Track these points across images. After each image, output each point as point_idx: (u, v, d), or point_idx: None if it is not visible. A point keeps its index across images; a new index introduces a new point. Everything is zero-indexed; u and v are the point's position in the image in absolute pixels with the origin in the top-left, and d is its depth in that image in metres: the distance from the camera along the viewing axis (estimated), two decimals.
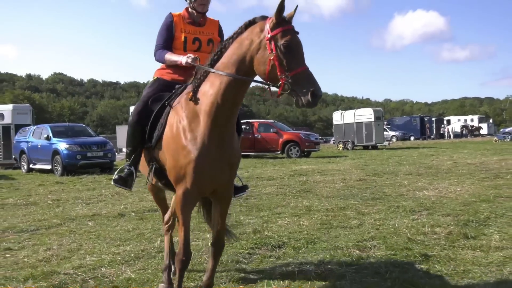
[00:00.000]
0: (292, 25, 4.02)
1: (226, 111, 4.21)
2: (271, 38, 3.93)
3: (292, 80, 3.83)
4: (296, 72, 3.84)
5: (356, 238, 7.13)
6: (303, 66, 3.89)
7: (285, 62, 3.87)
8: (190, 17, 5.03)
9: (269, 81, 4.01)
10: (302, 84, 3.82)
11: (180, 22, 4.96)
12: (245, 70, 4.13)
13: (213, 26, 5.13)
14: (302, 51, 3.99)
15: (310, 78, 3.85)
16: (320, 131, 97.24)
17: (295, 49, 3.93)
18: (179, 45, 4.94)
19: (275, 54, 3.89)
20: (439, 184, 13.35)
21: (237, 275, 5.63)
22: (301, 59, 3.94)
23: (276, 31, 3.93)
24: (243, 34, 4.17)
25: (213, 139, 4.20)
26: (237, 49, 4.15)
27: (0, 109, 29.44)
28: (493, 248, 6.33)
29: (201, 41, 4.99)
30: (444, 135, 66.75)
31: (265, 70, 3.98)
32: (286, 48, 3.88)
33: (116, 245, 7.12)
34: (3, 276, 5.74)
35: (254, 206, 10.49)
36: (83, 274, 5.76)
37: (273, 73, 3.93)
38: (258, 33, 4.06)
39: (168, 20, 4.98)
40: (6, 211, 10.82)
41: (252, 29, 4.13)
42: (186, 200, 4.30)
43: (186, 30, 4.94)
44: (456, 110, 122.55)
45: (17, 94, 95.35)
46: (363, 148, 39.63)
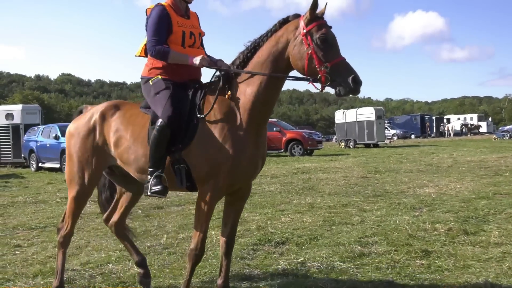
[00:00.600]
0: (325, 20, 4.14)
1: (264, 109, 4.32)
2: (307, 33, 4.04)
3: (331, 71, 3.94)
4: (334, 62, 3.96)
5: (358, 234, 7.21)
6: (341, 57, 4.01)
7: (323, 54, 3.98)
8: (179, 8, 4.70)
9: (309, 75, 4.08)
10: (342, 73, 3.93)
11: (173, 14, 4.60)
12: (283, 67, 4.23)
13: (195, 18, 4.89)
14: (337, 43, 4.09)
15: (349, 67, 3.97)
16: (323, 130, 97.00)
17: (331, 41, 4.03)
18: (177, 40, 4.59)
19: (313, 47, 4.00)
20: (439, 181, 13.42)
21: (241, 271, 5.70)
22: (337, 50, 4.05)
23: (311, 25, 4.05)
24: (278, 32, 4.26)
25: (251, 137, 4.28)
26: (273, 47, 4.23)
27: (10, 109, 29.59)
28: (493, 244, 6.40)
29: (195, 35, 4.72)
30: (444, 134, 66.65)
31: (303, 65, 4.08)
32: (323, 40, 3.99)
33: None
34: (13, 272, 5.81)
35: (258, 203, 10.59)
36: (91, 270, 5.85)
37: (312, 67, 4.03)
38: (293, 31, 4.16)
39: (163, 12, 4.53)
40: (16, 208, 10.91)
41: (286, 27, 4.22)
42: (216, 196, 4.34)
43: (182, 24, 4.62)
44: (456, 109, 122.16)
45: (26, 94, 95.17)
46: (365, 146, 39.65)
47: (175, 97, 4.41)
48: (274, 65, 4.22)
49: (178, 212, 9.75)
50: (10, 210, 10.54)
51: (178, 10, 4.67)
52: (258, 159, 4.42)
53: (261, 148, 4.44)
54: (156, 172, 4.36)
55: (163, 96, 4.43)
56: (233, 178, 4.28)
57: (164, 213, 9.68)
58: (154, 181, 4.35)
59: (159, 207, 10.26)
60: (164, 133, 4.29)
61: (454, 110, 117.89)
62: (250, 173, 4.45)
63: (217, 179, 4.22)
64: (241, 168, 4.25)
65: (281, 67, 4.23)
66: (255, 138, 4.32)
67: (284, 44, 4.19)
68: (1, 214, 10.02)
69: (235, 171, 4.23)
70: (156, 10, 4.54)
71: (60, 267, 5.05)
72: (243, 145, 4.23)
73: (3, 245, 7.29)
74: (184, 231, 7.83)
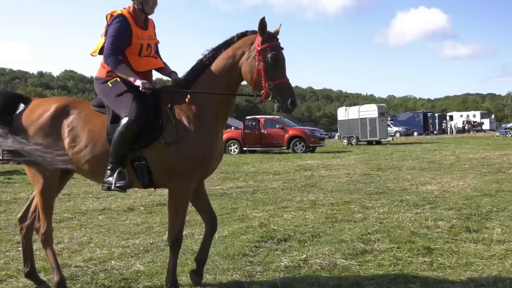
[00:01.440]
0: (279, 42, 4.59)
1: (227, 110, 4.85)
2: (261, 51, 4.49)
3: (273, 89, 4.45)
4: (278, 82, 4.46)
5: (360, 231, 7.21)
6: (285, 78, 4.52)
7: (270, 72, 4.46)
8: (139, 19, 4.94)
9: (254, 87, 4.60)
10: (283, 93, 4.45)
11: (134, 26, 4.84)
12: (236, 76, 4.70)
13: (152, 27, 5.13)
14: (284, 65, 4.58)
15: (290, 89, 4.50)
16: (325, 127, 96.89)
17: (280, 63, 4.52)
18: (135, 51, 4.87)
19: (263, 64, 4.47)
20: (442, 178, 13.43)
21: (244, 267, 5.70)
22: (283, 71, 4.55)
23: (266, 45, 4.50)
24: (235, 44, 4.71)
25: (218, 134, 4.79)
26: (229, 57, 4.68)
27: None
28: (495, 241, 6.41)
29: (151, 46, 5.01)
30: (447, 131, 66.58)
31: (252, 78, 4.57)
32: (273, 60, 4.46)
33: (126, 239, 7.22)
34: (16, 268, 5.82)
35: (260, 200, 10.61)
36: (94, 266, 5.85)
37: (258, 81, 4.53)
38: (249, 45, 4.62)
39: (122, 21, 4.76)
40: (19, 205, 10.90)
41: (244, 41, 4.68)
42: (191, 189, 4.73)
43: (140, 36, 4.88)
44: (459, 106, 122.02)
45: (29, 91, 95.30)
46: (367, 143, 39.67)
47: (138, 98, 4.67)
48: (229, 74, 4.69)
49: None
50: (13, 207, 10.55)
51: (138, 21, 4.92)
52: (220, 153, 4.95)
53: (221, 143, 4.94)
54: (119, 167, 4.61)
55: (127, 97, 4.68)
56: (207, 171, 4.86)
57: (167, 209, 9.66)
58: (117, 176, 4.58)
59: (161, 203, 10.26)
60: (131, 130, 4.53)
61: (456, 107, 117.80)
62: (216, 166, 5.00)
63: (193, 173, 4.64)
64: (213, 162, 4.80)
65: (235, 76, 4.70)
66: (219, 134, 4.85)
67: (240, 56, 4.65)
68: (4, 211, 10.03)
69: (209, 165, 4.76)
70: (119, 20, 4.77)
71: (53, 263, 5.06)
72: (213, 141, 4.71)
73: (6, 241, 7.30)
74: (186, 227, 7.82)
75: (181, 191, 4.67)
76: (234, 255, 6.20)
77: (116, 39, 4.74)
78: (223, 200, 10.71)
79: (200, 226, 7.91)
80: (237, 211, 9.30)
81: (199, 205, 5.23)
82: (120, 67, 4.71)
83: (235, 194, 11.71)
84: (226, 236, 7.20)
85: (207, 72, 4.74)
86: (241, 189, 12.66)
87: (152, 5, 4.94)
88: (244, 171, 17.72)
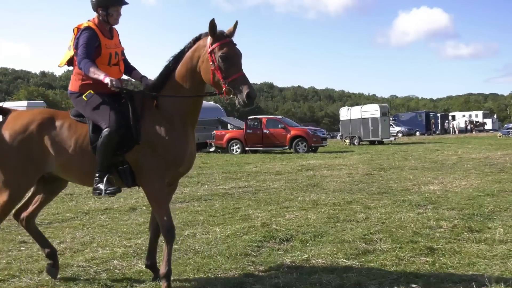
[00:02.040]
0: (228, 39, 4.74)
1: (195, 112, 5.07)
2: (211, 51, 4.69)
3: (231, 85, 4.58)
4: (233, 78, 4.59)
5: (363, 231, 7.20)
6: (240, 72, 4.64)
7: (224, 70, 4.63)
8: (105, 30, 5.19)
9: (215, 87, 4.81)
10: (239, 88, 4.56)
11: (102, 37, 5.10)
12: (198, 79, 4.88)
13: (117, 36, 5.39)
14: (238, 59, 4.73)
15: (245, 82, 4.60)
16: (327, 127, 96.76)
17: (232, 59, 4.66)
18: (104, 61, 5.12)
19: (216, 64, 4.65)
20: (444, 178, 13.42)
21: (246, 267, 5.71)
22: (237, 66, 4.68)
23: (215, 45, 4.68)
24: (192, 48, 4.92)
25: (188, 135, 5.01)
26: (188, 62, 4.90)
27: (15, 105, 29.72)
28: (498, 241, 6.40)
29: (118, 54, 5.29)
30: (449, 131, 66.50)
31: (209, 79, 4.76)
32: (224, 58, 4.62)
33: (128, 238, 7.23)
34: (18, 268, 5.83)
35: (263, 200, 10.61)
36: (96, 266, 5.86)
37: (216, 81, 4.71)
38: (203, 48, 4.81)
39: (93, 32, 5.03)
40: None
41: (198, 44, 4.88)
42: (164, 182, 4.94)
43: (108, 46, 5.14)
44: (461, 106, 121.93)
45: (32, 90, 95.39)
46: (369, 143, 39.64)
47: (115, 107, 4.94)
48: (192, 77, 4.89)
49: (183, 208, 9.77)
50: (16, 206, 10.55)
51: (104, 31, 5.17)
52: (192, 154, 5.19)
53: (193, 144, 5.18)
54: (107, 174, 4.86)
55: (104, 109, 4.91)
56: (179, 170, 5.07)
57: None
58: (106, 182, 4.84)
59: None
60: (113, 139, 4.78)
61: (459, 107, 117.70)
62: (189, 166, 5.25)
63: (167, 173, 4.91)
64: (185, 162, 5.03)
65: (197, 79, 4.89)
66: (190, 136, 5.06)
67: (196, 59, 4.85)
68: None
69: (180, 165, 4.99)
70: (88, 32, 5.03)
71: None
72: (183, 143, 4.93)
73: (9, 241, 7.31)
74: (188, 227, 7.85)
75: (159, 191, 4.90)
76: (236, 255, 6.20)
77: (87, 47, 4.98)
78: (225, 200, 10.72)
79: (202, 226, 7.93)
80: (239, 211, 9.31)
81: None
82: (92, 68, 4.90)
83: (237, 194, 11.71)
84: (228, 236, 7.21)
85: (172, 77, 4.97)
86: (243, 189, 12.66)
87: (116, 16, 5.18)
88: (246, 171, 17.73)
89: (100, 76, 4.86)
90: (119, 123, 4.81)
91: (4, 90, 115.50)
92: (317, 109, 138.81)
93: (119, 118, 4.85)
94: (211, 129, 32.21)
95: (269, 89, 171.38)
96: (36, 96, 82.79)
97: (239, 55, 4.75)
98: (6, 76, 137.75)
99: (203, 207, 9.84)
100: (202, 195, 11.51)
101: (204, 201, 10.66)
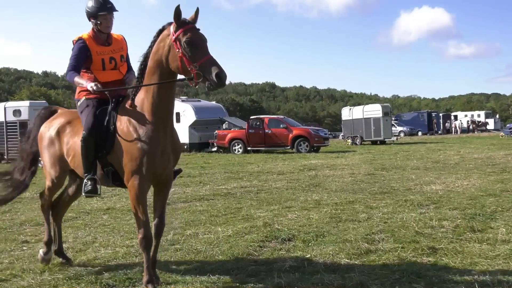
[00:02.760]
0: (192, 25, 4.82)
1: (164, 107, 5.05)
2: (176, 39, 4.76)
3: (200, 69, 4.60)
4: (201, 61, 4.62)
5: (365, 231, 7.20)
6: (207, 55, 4.67)
7: (191, 55, 4.66)
8: (99, 38, 5.59)
9: (183, 74, 4.84)
10: (208, 70, 4.57)
11: (93, 44, 5.51)
12: (167, 70, 4.94)
13: (119, 42, 5.77)
14: (204, 43, 4.78)
15: (214, 63, 4.61)
16: (329, 127, 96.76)
17: (197, 43, 4.72)
18: (98, 66, 5.58)
19: (181, 50, 4.70)
20: (446, 178, 13.41)
21: (248, 267, 5.71)
22: (204, 50, 4.72)
23: (179, 31, 4.75)
24: (157, 41, 5.01)
25: (159, 132, 5.03)
26: (155, 54, 4.99)
27: (17, 105, 29.69)
28: (500, 241, 6.40)
29: (116, 59, 5.67)
30: (451, 130, 66.42)
31: (177, 66, 4.81)
32: (188, 43, 4.68)
33: (130, 238, 7.24)
34: (21, 268, 5.85)
35: (265, 200, 10.62)
36: (98, 266, 5.89)
37: (184, 67, 4.74)
38: (166, 37, 4.89)
39: (80, 44, 5.49)
40: (23, 204, 10.96)
41: (163, 35, 4.97)
42: (143, 187, 5.06)
43: (100, 52, 5.54)
44: (463, 105, 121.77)
45: (34, 90, 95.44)
46: (372, 143, 39.61)
47: (94, 113, 5.32)
48: (160, 70, 4.97)
49: (185, 208, 9.78)
50: (18, 206, 10.59)
51: (98, 40, 5.57)
52: (169, 151, 5.17)
53: (171, 141, 5.19)
54: (89, 175, 5.25)
55: (85, 113, 5.39)
56: (154, 168, 5.02)
57: (171, 209, 9.70)
58: (88, 182, 5.24)
59: None
60: (88, 142, 5.18)
61: (461, 107, 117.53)
62: (165, 162, 5.16)
63: (141, 171, 4.98)
64: (157, 159, 5.03)
65: (165, 71, 4.95)
66: (163, 133, 5.06)
67: (162, 50, 4.92)
68: (9, 210, 10.06)
69: (154, 162, 5.00)
70: (77, 44, 5.52)
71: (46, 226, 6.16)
72: (155, 141, 4.99)
73: (11, 241, 7.33)
74: (190, 227, 7.85)
75: (135, 190, 5.03)
76: (238, 254, 6.21)
77: (74, 59, 5.50)
78: (227, 200, 10.73)
79: (204, 226, 7.94)
80: (241, 210, 9.31)
81: (154, 205, 5.48)
82: (75, 78, 5.44)
83: (240, 193, 11.72)
84: (230, 236, 7.21)
85: (145, 72, 5.10)
86: (245, 188, 12.67)
87: (106, 25, 5.53)
88: (248, 171, 17.74)
89: (83, 84, 5.37)
90: (91, 127, 5.22)
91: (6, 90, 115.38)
92: (319, 109, 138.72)
93: (94, 122, 5.25)
94: (213, 129, 32.24)
95: (271, 89, 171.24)
96: (38, 96, 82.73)
97: (204, 40, 4.82)
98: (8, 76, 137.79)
99: (205, 207, 9.85)
100: (204, 195, 11.52)
101: (206, 201, 10.67)
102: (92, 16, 5.50)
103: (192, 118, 31.68)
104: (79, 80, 5.40)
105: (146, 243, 5.08)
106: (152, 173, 5.06)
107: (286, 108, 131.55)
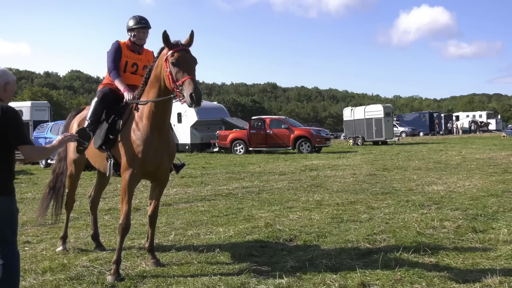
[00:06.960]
0: (181, 47, 5.36)
1: (160, 115, 5.67)
2: (166, 59, 5.36)
3: (180, 88, 5.17)
4: (181, 81, 5.16)
5: (366, 231, 7.21)
6: (187, 76, 5.16)
7: (175, 75, 5.25)
8: (132, 46, 6.39)
9: (172, 90, 5.38)
10: (186, 89, 5.09)
11: (125, 48, 6.35)
12: (164, 84, 5.51)
13: (149, 55, 6.53)
14: (188, 65, 5.28)
15: (191, 84, 5.08)
16: (331, 127, 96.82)
17: (181, 64, 5.24)
18: (121, 67, 6.32)
19: (168, 70, 5.30)
20: (448, 178, 13.40)
21: (250, 267, 5.72)
22: (186, 71, 5.22)
23: (169, 53, 5.34)
24: (158, 58, 5.61)
25: (154, 135, 5.66)
26: (155, 70, 5.62)
27: (19, 105, 29.67)
28: (501, 241, 6.41)
29: (138, 66, 6.43)
30: (453, 131, 66.36)
31: (167, 83, 5.41)
32: (173, 64, 5.25)
33: (132, 239, 7.25)
34: (23, 268, 5.80)
35: (266, 200, 10.62)
36: (100, 266, 5.90)
37: (170, 85, 5.34)
38: (163, 56, 5.45)
39: (116, 45, 6.33)
40: (25, 205, 10.99)
41: (162, 53, 5.53)
42: (133, 180, 5.70)
43: (128, 56, 6.35)
44: (465, 106, 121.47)
45: (35, 91, 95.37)
46: (373, 143, 39.55)
47: (100, 106, 6.24)
48: (158, 84, 5.58)
49: (187, 209, 9.79)
50: (20, 207, 10.52)
51: (130, 47, 6.39)
52: (164, 152, 5.79)
53: (165, 143, 5.82)
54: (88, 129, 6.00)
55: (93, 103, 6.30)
56: (145, 166, 5.67)
57: (173, 210, 9.72)
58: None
59: (167, 203, 10.31)
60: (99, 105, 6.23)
61: (463, 107, 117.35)
62: (158, 162, 5.77)
63: (133, 167, 5.64)
64: (150, 158, 5.66)
65: (162, 85, 5.53)
66: (157, 136, 5.68)
67: (160, 67, 5.53)
68: None
69: (146, 161, 5.65)
70: (113, 45, 6.37)
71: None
72: (149, 142, 5.63)
73: None
74: (192, 228, 7.86)
75: (126, 182, 5.66)
76: (239, 255, 6.22)
77: (111, 58, 6.29)
78: (228, 200, 10.73)
79: (206, 227, 7.94)
80: (242, 211, 9.32)
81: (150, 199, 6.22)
82: (117, 81, 6.18)
83: (241, 194, 11.72)
84: (232, 236, 7.22)
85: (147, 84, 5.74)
86: (246, 189, 12.67)
87: (139, 37, 6.33)
88: (250, 171, 17.73)
89: (121, 89, 6.09)
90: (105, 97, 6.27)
91: None
92: (321, 109, 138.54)
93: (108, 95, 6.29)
94: (214, 129, 32.23)
95: (272, 90, 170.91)
96: (40, 97, 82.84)
97: (190, 61, 5.32)
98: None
99: (206, 207, 9.86)
100: (205, 195, 11.53)
101: (207, 201, 10.68)
102: (129, 29, 6.31)
103: (194, 119, 31.64)
104: (120, 84, 6.13)
105: (123, 231, 5.67)
106: (143, 170, 5.71)
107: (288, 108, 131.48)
